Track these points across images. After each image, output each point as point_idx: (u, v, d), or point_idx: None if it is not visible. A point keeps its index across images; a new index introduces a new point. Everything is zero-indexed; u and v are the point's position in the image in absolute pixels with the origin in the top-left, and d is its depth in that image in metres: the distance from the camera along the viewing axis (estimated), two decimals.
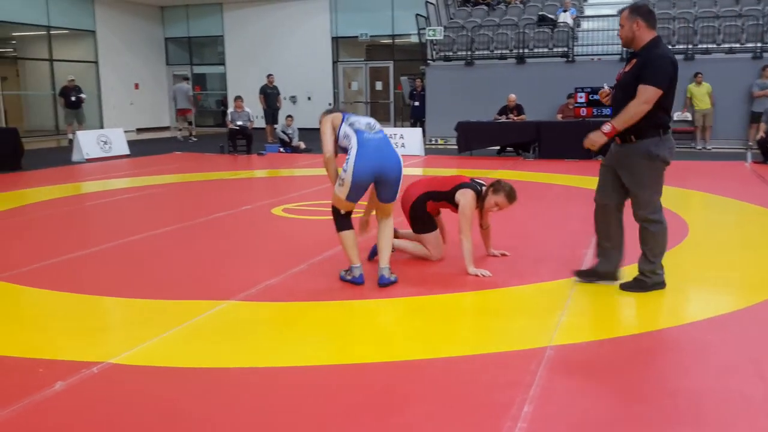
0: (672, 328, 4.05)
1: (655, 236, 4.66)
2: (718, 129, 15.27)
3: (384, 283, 4.83)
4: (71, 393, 3.18)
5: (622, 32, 4.55)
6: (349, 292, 4.78)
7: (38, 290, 4.86)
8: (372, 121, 4.91)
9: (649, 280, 4.66)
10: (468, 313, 4.37)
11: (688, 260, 5.59)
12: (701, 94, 15.01)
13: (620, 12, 4.54)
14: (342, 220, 4.93)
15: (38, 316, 4.37)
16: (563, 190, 9.44)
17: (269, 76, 18.45)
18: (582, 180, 10.12)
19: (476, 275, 5.06)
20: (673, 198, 8.61)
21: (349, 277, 4.97)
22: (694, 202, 8.61)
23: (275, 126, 17.26)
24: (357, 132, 4.74)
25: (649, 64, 4.36)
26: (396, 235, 5.52)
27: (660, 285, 4.69)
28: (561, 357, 3.55)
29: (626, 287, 4.70)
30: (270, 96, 17.94)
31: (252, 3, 23.64)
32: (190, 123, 20.06)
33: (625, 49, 6.32)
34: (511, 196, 5.35)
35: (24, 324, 4.22)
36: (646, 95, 4.30)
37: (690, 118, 15.45)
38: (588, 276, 4.87)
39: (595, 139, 4.66)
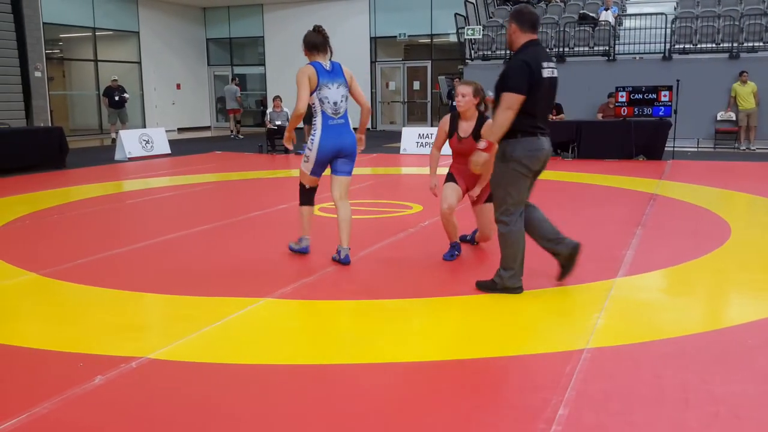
0: (712, 332, 3.96)
1: (503, 239, 4.62)
2: (764, 129, 14.92)
3: (346, 263, 5.40)
4: (110, 387, 3.24)
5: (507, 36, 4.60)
6: (382, 292, 4.79)
7: (79, 286, 4.96)
8: (339, 100, 5.35)
9: (498, 284, 4.66)
10: (503, 315, 4.34)
11: (730, 262, 5.47)
12: (746, 93, 14.68)
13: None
14: (305, 195, 5.68)
15: (79, 312, 4.46)
16: (602, 190, 9.32)
17: None
18: (622, 180, 9.97)
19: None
20: (715, 199, 8.44)
21: (296, 247, 5.79)
22: (737, 204, 8.42)
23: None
24: (323, 114, 5.33)
25: (506, 70, 4.42)
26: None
27: (511, 290, 4.61)
28: (598, 360, 3.50)
29: (480, 285, 4.73)
30: None
31: (292, 4, 23.82)
32: (238, 122, 20.82)
33: (667, 48, 6.30)
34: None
35: (65, 319, 4.32)
36: (507, 102, 4.32)
37: (734, 118, 15.12)
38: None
39: (478, 161, 4.55)
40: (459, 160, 5.62)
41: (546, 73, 4.43)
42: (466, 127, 5.78)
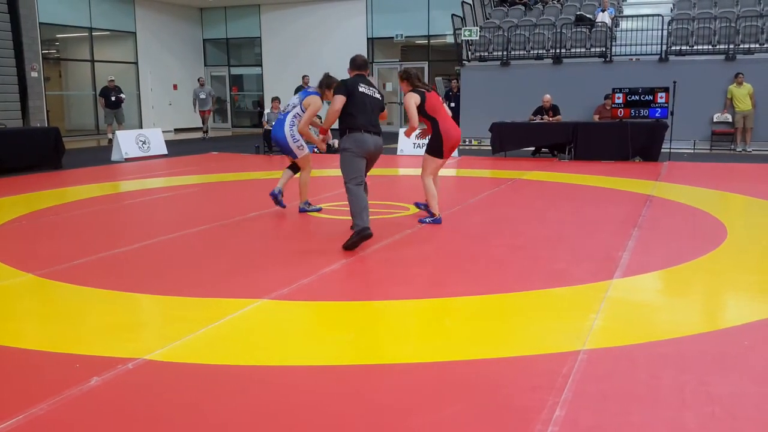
0: (709, 333, 3.97)
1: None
2: (760, 130, 14.96)
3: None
4: (107, 388, 3.23)
5: None
6: (380, 293, 4.79)
7: (76, 287, 4.95)
8: (290, 103, 7.57)
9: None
10: (499, 315, 4.34)
11: (726, 264, 5.48)
12: (742, 95, 14.71)
13: None
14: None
15: (75, 313, 4.45)
16: (599, 191, 9.33)
17: (304, 77, 18.55)
18: (618, 182, 9.99)
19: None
20: (711, 201, 8.46)
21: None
22: (733, 206, 8.44)
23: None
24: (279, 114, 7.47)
25: None
26: None
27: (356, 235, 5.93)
28: (594, 361, 3.50)
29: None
30: None
31: (289, 4, 23.82)
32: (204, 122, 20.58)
33: (664, 49, 6.61)
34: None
35: (61, 320, 4.31)
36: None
37: (730, 120, 15.16)
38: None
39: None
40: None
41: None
42: None
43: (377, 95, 6.35)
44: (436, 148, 6.93)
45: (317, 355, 3.66)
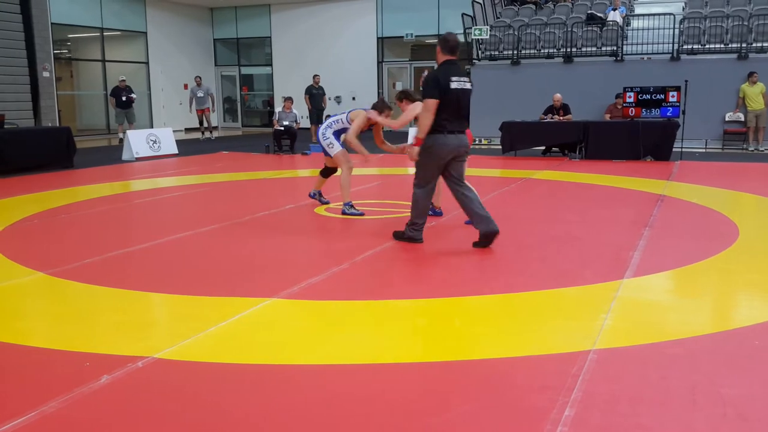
0: (720, 333, 3.95)
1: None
2: None
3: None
4: (117, 387, 3.25)
5: None
6: (389, 292, 4.79)
7: (86, 285, 4.98)
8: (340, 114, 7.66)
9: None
10: (509, 315, 4.33)
11: (737, 264, 5.45)
12: (754, 94, 14.61)
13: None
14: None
15: (86, 311, 4.47)
16: (610, 191, 9.29)
17: (315, 76, 18.57)
18: (629, 181, 9.94)
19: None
20: (723, 200, 8.41)
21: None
22: (745, 205, 8.39)
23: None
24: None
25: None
26: None
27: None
28: (604, 361, 3.49)
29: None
30: (315, 96, 18.03)
31: (299, 4, 23.85)
32: (209, 122, 19.99)
33: (676, 48, 6.66)
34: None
35: (72, 318, 4.33)
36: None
37: (742, 119, 15.06)
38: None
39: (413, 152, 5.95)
40: None
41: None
42: None
43: (468, 85, 5.85)
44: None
45: (327, 354, 3.66)
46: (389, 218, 7.38)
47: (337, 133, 7.55)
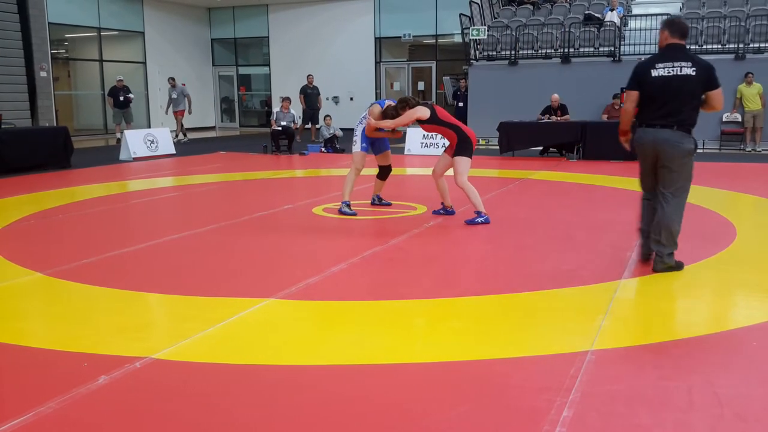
0: (717, 334, 3.95)
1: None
2: None
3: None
4: (114, 387, 3.24)
5: None
6: (387, 293, 4.79)
7: (84, 286, 4.97)
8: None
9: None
10: (507, 316, 4.33)
11: (735, 264, 5.45)
12: (751, 94, 14.64)
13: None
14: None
15: (83, 311, 4.46)
16: (607, 191, 9.30)
17: (309, 76, 18.55)
18: (627, 181, 9.94)
19: None
20: (720, 201, 8.42)
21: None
22: (742, 206, 8.40)
23: (318, 126, 17.36)
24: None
25: None
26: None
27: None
28: (602, 362, 3.49)
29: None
30: (310, 96, 18.00)
31: (297, 4, 23.84)
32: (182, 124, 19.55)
33: None
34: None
35: (70, 319, 4.32)
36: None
37: (739, 119, 15.08)
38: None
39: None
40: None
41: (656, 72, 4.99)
42: None
43: (689, 70, 4.88)
44: (468, 149, 7.00)
45: (325, 355, 3.66)
46: (388, 218, 7.38)
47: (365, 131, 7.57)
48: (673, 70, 4.90)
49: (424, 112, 6.99)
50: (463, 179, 6.93)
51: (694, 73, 4.87)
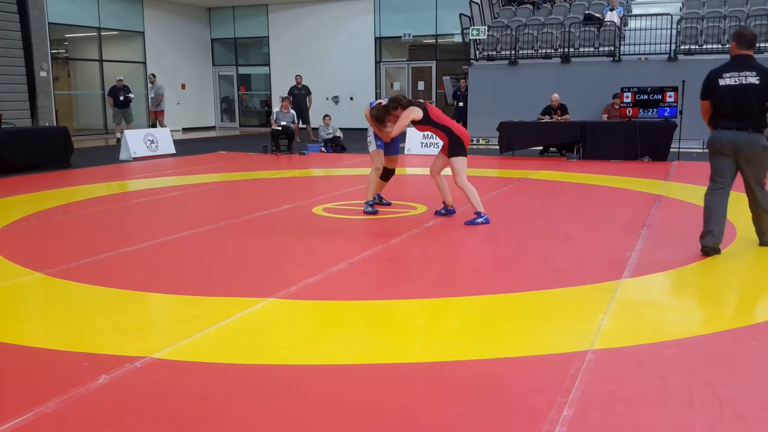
0: (717, 334, 3.95)
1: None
2: None
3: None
4: (114, 387, 3.24)
5: None
6: (386, 292, 4.79)
7: (84, 285, 4.97)
8: None
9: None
10: (507, 315, 4.33)
11: (735, 264, 5.45)
12: None
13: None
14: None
15: (83, 311, 4.46)
16: (607, 191, 9.30)
17: (297, 76, 18.55)
18: (627, 181, 9.95)
19: None
20: None
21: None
22: (742, 206, 8.36)
23: (304, 126, 17.40)
24: None
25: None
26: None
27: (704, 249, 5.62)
28: (602, 361, 3.49)
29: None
30: (297, 97, 17.95)
31: (297, 4, 23.84)
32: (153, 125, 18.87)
33: (673, 48, 6.83)
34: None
35: (69, 318, 4.32)
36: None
37: None
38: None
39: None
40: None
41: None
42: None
43: (753, 79, 5.42)
44: (461, 149, 7.00)
45: (324, 355, 3.66)
46: (388, 218, 7.38)
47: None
48: (738, 80, 5.41)
49: (417, 114, 6.97)
50: (461, 179, 6.93)
51: (758, 82, 5.37)
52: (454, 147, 6.99)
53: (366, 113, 7.42)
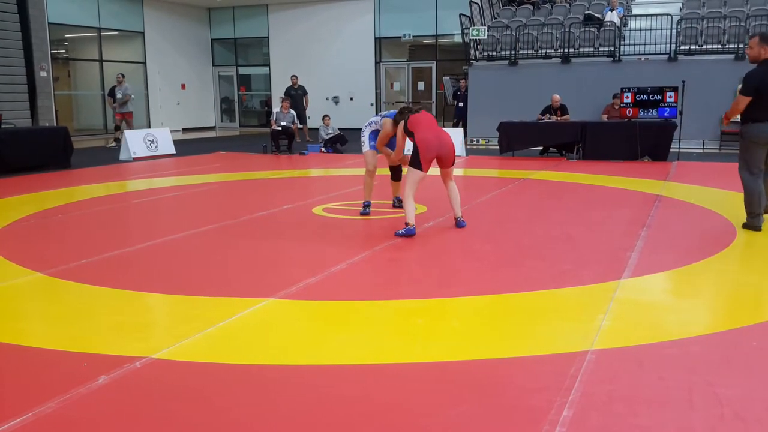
0: (717, 334, 3.95)
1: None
2: None
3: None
4: (114, 387, 3.24)
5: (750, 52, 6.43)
6: (386, 293, 4.79)
7: (84, 285, 4.97)
8: (378, 116, 7.58)
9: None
10: (507, 315, 4.33)
11: (735, 264, 5.46)
12: None
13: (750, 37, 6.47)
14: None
15: (83, 311, 4.46)
16: (607, 191, 9.30)
17: (293, 77, 18.54)
18: (627, 181, 9.95)
19: None
20: (720, 201, 8.41)
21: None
22: (742, 206, 8.37)
23: (300, 126, 17.40)
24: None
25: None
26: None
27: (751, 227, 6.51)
28: (602, 362, 3.49)
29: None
30: (294, 97, 17.92)
31: (297, 4, 23.83)
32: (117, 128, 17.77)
33: (673, 49, 6.95)
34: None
35: (69, 319, 4.32)
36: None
37: (739, 119, 15.05)
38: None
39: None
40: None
41: None
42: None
43: None
44: (416, 161, 6.50)
45: (324, 355, 3.66)
46: (388, 218, 7.38)
47: (374, 134, 7.61)
48: None
49: (399, 127, 6.81)
50: (406, 190, 6.56)
51: None
52: (412, 156, 6.57)
53: (386, 124, 7.25)
